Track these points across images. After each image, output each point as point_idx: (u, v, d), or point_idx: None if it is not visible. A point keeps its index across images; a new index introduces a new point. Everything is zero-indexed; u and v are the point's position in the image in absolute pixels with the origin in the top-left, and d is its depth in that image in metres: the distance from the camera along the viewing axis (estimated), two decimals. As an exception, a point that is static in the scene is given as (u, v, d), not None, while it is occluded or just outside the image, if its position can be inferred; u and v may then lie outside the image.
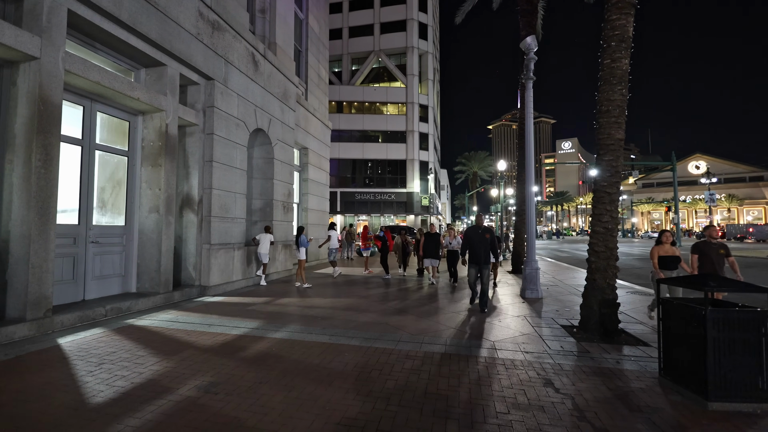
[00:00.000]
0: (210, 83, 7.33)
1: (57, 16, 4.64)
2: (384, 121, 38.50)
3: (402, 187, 38.57)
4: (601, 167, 4.83)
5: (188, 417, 2.58)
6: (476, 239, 5.98)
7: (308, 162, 13.02)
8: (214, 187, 7.31)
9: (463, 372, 3.48)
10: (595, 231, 4.79)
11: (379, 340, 4.46)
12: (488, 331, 4.93)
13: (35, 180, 4.41)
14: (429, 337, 4.62)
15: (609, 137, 4.74)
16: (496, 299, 7.14)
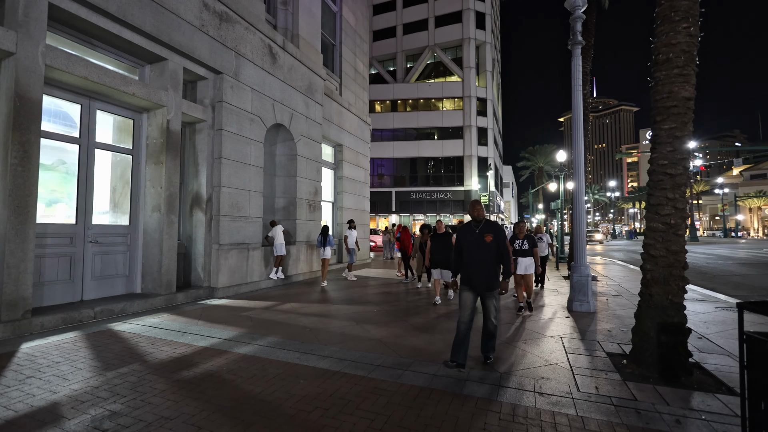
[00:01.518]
0: (219, 77, 7.00)
1: (35, 10, 4.48)
2: (439, 118, 37.05)
3: (459, 185, 36.78)
4: (659, 138, 3.38)
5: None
6: (471, 245, 3.51)
7: (343, 159, 12.45)
8: (224, 184, 6.96)
9: (437, 422, 2.43)
10: (652, 228, 3.37)
11: (354, 362, 3.54)
12: (503, 357, 3.74)
13: (11, 178, 4.26)
14: (419, 362, 3.59)
15: (670, 96, 3.29)
16: (535, 312, 5.77)
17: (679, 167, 3.27)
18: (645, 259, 3.45)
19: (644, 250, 3.50)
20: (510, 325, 5.03)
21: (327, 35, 12.02)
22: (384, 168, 37.53)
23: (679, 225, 3.26)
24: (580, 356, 3.82)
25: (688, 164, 3.30)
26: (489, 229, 3.50)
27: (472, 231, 3.54)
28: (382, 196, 36.73)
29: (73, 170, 5.42)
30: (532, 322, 5.19)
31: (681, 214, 3.27)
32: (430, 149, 36.90)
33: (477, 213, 3.57)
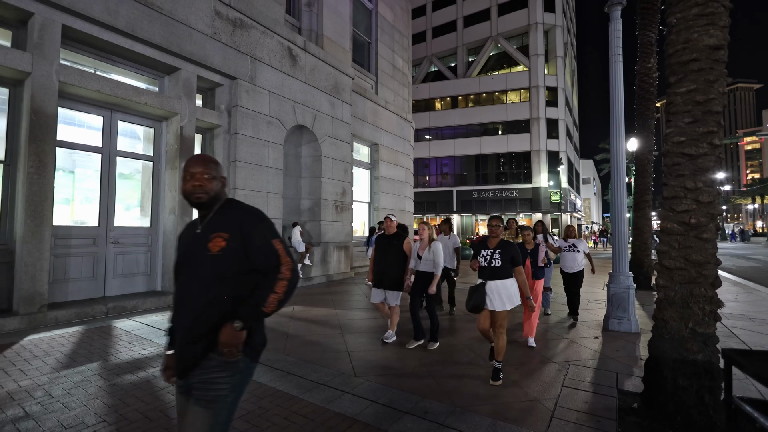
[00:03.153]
0: (234, 82, 7.13)
1: (49, 32, 4.89)
2: (503, 111, 34.80)
3: (526, 182, 34.16)
4: (675, 107, 2.42)
5: None
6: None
7: (379, 159, 12.10)
8: (239, 187, 7.08)
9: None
10: (666, 230, 2.46)
11: (298, 381, 3.13)
12: (478, 386, 3.01)
13: (27, 185, 4.70)
14: (370, 382, 3.05)
15: (687, 47, 2.35)
16: (558, 327, 4.78)
17: (702, 145, 2.28)
18: (658, 271, 2.51)
19: (658, 260, 2.55)
20: (517, 350, 4.17)
21: (361, 33, 11.78)
22: (445, 167, 36.40)
23: (704, 226, 2.28)
24: (580, 392, 2.97)
25: (718, 140, 2.28)
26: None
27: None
28: (443, 196, 35.68)
29: (96, 177, 5.88)
30: (546, 341, 4.26)
31: (706, 211, 2.27)
32: (493, 145, 34.83)
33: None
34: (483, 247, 3.42)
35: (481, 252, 3.38)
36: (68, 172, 5.71)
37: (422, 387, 3.07)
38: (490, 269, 3.27)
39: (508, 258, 3.28)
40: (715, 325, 2.43)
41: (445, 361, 3.70)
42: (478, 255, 3.41)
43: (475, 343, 4.28)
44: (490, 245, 3.38)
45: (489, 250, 3.32)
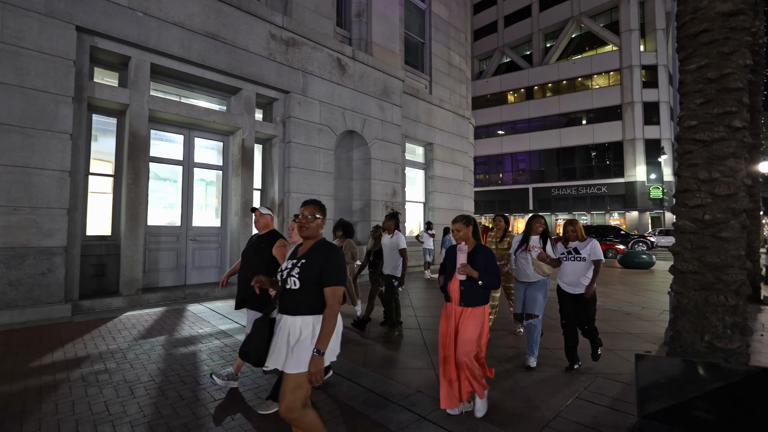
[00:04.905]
0: (288, 96, 8.10)
1: (142, 70, 6.26)
2: (588, 98, 32.05)
3: (617, 177, 31.02)
4: (686, 86, 2.40)
5: None
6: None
7: (434, 158, 12.33)
8: (293, 190, 8.00)
9: None
10: (678, 228, 2.42)
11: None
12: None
13: (127, 192, 6.09)
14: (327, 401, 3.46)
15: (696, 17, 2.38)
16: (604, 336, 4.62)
17: (717, 129, 2.21)
18: (675, 275, 2.46)
19: (674, 262, 2.50)
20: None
21: (414, 35, 12.17)
22: (520, 163, 34.71)
23: (721, 223, 2.20)
24: (594, 405, 2.88)
25: (739, 122, 2.19)
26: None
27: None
28: (518, 194, 34.08)
29: (178, 184, 7.24)
30: (584, 349, 4.20)
31: (725, 206, 2.19)
32: (576, 137, 32.26)
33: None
34: (294, 256, 2.07)
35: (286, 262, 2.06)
36: (159, 181, 7.14)
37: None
38: (285, 293, 1.96)
39: (312, 274, 1.92)
40: (742, 340, 2.26)
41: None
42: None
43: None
44: (302, 250, 2.08)
45: (291, 261, 2.02)
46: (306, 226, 2.04)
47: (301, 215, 2.06)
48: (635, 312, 6.14)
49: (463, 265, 2.69)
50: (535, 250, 3.81)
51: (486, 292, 2.75)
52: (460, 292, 2.74)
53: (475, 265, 2.72)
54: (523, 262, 3.88)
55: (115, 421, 2.57)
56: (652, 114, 30.17)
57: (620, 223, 30.32)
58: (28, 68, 5.08)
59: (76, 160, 5.62)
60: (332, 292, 1.91)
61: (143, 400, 2.87)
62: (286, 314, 1.95)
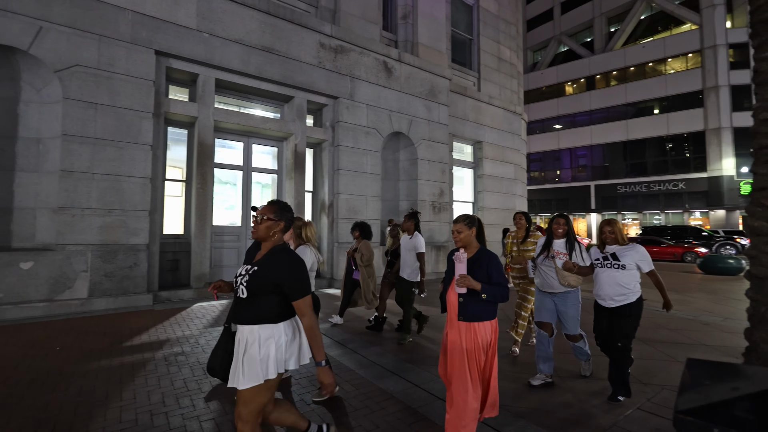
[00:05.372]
0: (336, 101, 8.56)
1: (208, 86, 7.02)
2: (661, 85, 29.43)
3: (698, 171, 28.16)
4: (761, 75, 2.33)
5: None
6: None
7: (483, 156, 12.21)
8: (341, 192, 8.44)
9: None
10: (754, 230, 2.35)
11: (359, 360, 4.00)
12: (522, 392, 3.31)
13: (196, 196, 6.87)
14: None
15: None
16: (670, 346, 4.41)
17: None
18: (751, 281, 2.39)
19: (750, 265, 2.43)
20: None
21: (461, 32, 12.15)
22: (580, 159, 32.77)
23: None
24: (656, 418, 2.72)
25: None
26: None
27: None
28: (578, 192, 32.20)
29: (239, 188, 7.98)
30: (651, 360, 4.08)
31: None
32: (647, 128, 29.76)
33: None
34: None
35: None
36: (220, 185, 7.93)
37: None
38: (236, 302, 1.90)
39: (262, 283, 1.80)
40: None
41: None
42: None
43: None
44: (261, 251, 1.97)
45: (245, 266, 1.92)
46: (255, 227, 1.89)
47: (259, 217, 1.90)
48: (715, 322, 5.67)
49: (461, 276, 2.27)
50: (560, 257, 3.33)
51: (491, 306, 2.33)
52: (458, 303, 2.33)
53: (476, 274, 2.32)
54: (546, 270, 3.42)
55: (193, 396, 3.04)
56: (742, 99, 26.93)
57: (702, 223, 27.44)
58: (118, 90, 5.97)
59: (155, 167, 6.47)
60: (303, 304, 1.82)
61: (214, 380, 3.34)
62: (238, 324, 1.87)
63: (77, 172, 5.66)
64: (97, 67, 5.84)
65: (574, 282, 3.25)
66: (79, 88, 5.70)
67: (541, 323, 3.43)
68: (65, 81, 5.61)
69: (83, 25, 5.75)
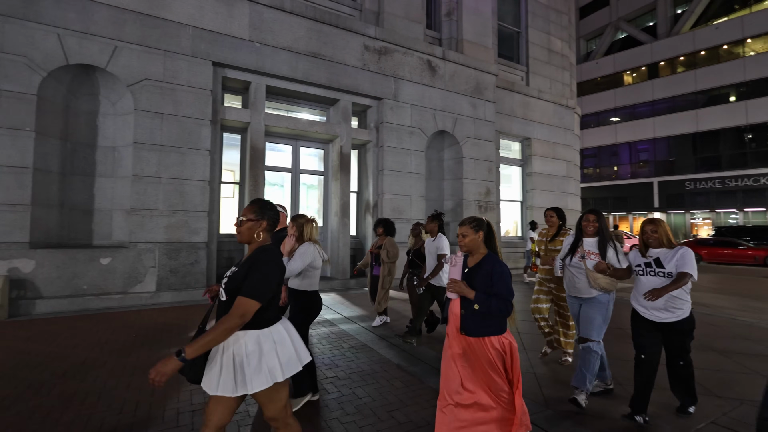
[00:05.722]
0: (380, 102, 8.69)
1: (259, 92, 7.43)
2: (738, 69, 26.69)
3: (783, 164, 25.21)
4: None
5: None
6: None
7: (532, 153, 11.79)
8: (386, 192, 8.56)
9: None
10: None
11: (405, 355, 4.06)
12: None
13: (248, 198, 7.30)
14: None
15: None
16: (745, 356, 4.07)
17: None
18: None
19: None
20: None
21: (508, 25, 11.82)
22: (641, 153, 30.51)
23: None
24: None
25: None
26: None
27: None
28: (638, 189, 30.00)
29: (288, 189, 8.36)
30: (726, 372, 3.79)
31: None
32: (721, 117, 27.09)
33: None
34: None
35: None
36: (269, 186, 8.35)
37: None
38: (218, 305, 1.85)
39: (239, 285, 1.73)
40: None
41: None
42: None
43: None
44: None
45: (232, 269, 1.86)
46: (237, 230, 1.85)
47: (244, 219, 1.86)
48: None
49: (452, 281, 2.14)
50: (591, 257, 3.04)
51: (499, 320, 2.13)
52: (461, 315, 2.16)
53: (475, 281, 2.14)
54: (573, 272, 3.11)
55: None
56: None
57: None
58: (180, 100, 6.51)
59: (212, 171, 6.97)
60: (243, 303, 1.64)
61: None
62: None
63: (146, 176, 6.25)
64: (163, 79, 6.41)
65: (607, 285, 2.94)
66: (148, 99, 6.29)
67: (580, 339, 3.12)
68: (136, 94, 6.22)
69: (150, 42, 6.33)
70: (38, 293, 5.52)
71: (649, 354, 2.73)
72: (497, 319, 2.12)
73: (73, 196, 6.22)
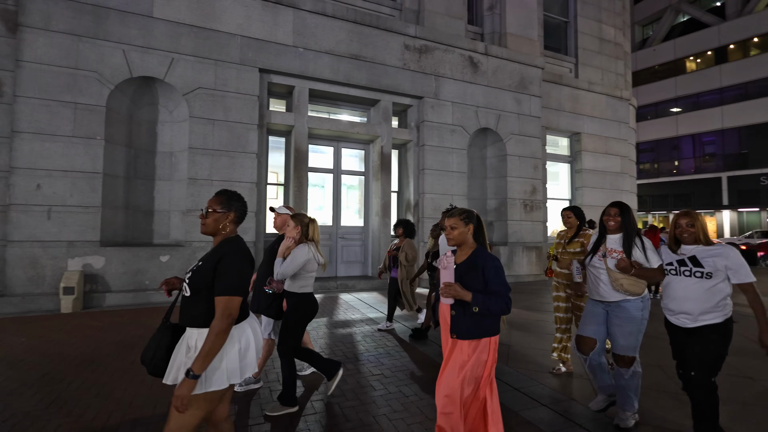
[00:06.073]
0: (421, 101, 8.66)
1: (302, 96, 7.67)
2: (825, 49, 23.77)
3: None
4: None
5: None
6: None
7: (582, 149, 11.22)
8: (426, 191, 8.52)
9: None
10: None
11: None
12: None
13: (293, 197, 7.56)
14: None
15: None
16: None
17: None
18: None
19: None
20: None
21: (554, 15, 11.33)
22: (707, 146, 28.02)
23: None
24: None
25: None
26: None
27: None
28: (703, 185, 27.59)
29: (330, 190, 8.56)
30: None
31: None
32: (802, 104, 24.26)
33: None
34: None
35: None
36: (311, 187, 8.58)
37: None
38: (182, 300, 1.77)
39: (203, 279, 1.67)
40: None
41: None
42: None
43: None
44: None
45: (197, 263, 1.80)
46: (202, 222, 1.80)
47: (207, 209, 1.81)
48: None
49: (446, 284, 1.94)
50: (613, 255, 2.61)
51: (492, 320, 1.98)
52: (451, 317, 2.02)
53: (470, 280, 1.96)
54: (594, 273, 2.69)
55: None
56: None
57: None
58: (230, 107, 6.87)
59: (259, 173, 7.29)
60: (223, 302, 1.60)
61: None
62: (183, 325, 1.72)
63: (200, 179, 6.66)
64: (214, 87, 6.79)
65: (630, 286, 2.49)
66: (201, 107, 6.70)
67: (580, 339, 2.70)
68: (190, 102, 6.65)
69: (203, 52, 6.74)
70: (107, 287, 6.07)
71: (684, 365, 2.34)
72: (492, 318, 1.98)
73: (135, 198, 6.76)
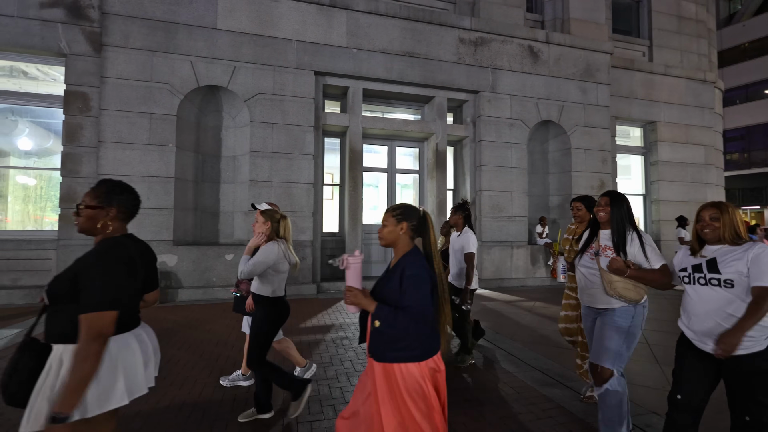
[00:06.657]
0: (477, 96, 8.38)
1: (356, 96, 7.75)
2: None
3: None
4: None
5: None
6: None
7: (657, 139, 10.21)
8: (484, 189, 8.22)
9: None
10: None
11: (517, 363, 3.80)
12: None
13: (348, 198, 7.65)
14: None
15: None
16: None
17: None
18: None
19: None
20: None
21: (625, -4, 10.45)
22: (757, 140, 24.36)
23: None
24: None
25: None
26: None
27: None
28: (753, 180, 24.08)
29: (384, 188, 8.56)
30: None
31: None
32: None
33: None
34: None
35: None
36: (365, 186, 8.63)
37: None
38: (46, 313, 1.46)
39: (61, 287, 1.39)
40: None
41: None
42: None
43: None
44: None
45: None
46: (76, 220, 1.48)
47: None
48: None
49: (348, 289, 1.64)
50: (607, 253, 2.23)
51: (418, 340, 1.58)
52: (369, 332, 1.65)
53: (385, 288, 1.65)
54: (585, 274, 2.32)
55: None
56: None
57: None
58: (288, 110, 7.11)
59: (316, 174, 7.46)
60: (88, 320, 1.29)
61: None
62: (48, 341, 1.40)
63: (261, 181, 6.96)
64: (273, 92, 7.07)
65: (626, 291, 2.12)
66: (261, 111, 7.00)
67: (592, 366, 2.24)
68: (251, 107, 6.97)
69: (262, 59, 7.04)
70: (180, 284, 6.53)
71: (689, 395, 1.82)
72: (414, 339, 1.57)
73: (203, 200, 7.22)
